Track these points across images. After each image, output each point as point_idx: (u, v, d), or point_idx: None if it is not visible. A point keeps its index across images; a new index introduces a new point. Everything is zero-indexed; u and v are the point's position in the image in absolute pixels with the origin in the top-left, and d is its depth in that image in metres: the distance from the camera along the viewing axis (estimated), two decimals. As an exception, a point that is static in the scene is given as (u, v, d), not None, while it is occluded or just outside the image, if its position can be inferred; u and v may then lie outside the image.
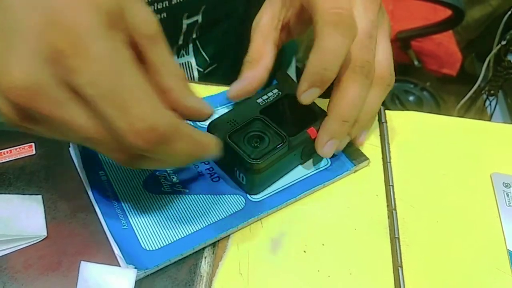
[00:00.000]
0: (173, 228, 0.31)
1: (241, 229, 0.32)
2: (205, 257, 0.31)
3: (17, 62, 0.22)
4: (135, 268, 0.29)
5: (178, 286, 0.29)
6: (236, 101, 0.39)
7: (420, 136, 0.40)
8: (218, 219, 0.32)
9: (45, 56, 0.22)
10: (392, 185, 0.36)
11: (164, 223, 0.31)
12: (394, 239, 0.33)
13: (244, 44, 0.39)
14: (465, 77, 1.45)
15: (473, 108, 1.38)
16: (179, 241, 0.31)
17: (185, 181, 0.34)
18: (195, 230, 0.31)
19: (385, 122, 0.40)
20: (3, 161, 0.34)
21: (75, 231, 0.31)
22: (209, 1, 0.49)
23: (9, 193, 0.31)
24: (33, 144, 0.35)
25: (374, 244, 0.33)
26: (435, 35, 1.31)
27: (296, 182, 0.35)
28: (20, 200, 0.31)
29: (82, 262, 0.28)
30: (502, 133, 0.42)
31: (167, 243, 0.30)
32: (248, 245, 0.32)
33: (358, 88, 0.34)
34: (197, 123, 0.37)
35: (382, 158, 0.38)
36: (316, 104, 0.35)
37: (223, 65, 0.56)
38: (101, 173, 0.34)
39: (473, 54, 1.55)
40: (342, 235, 0.33)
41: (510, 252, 0.33)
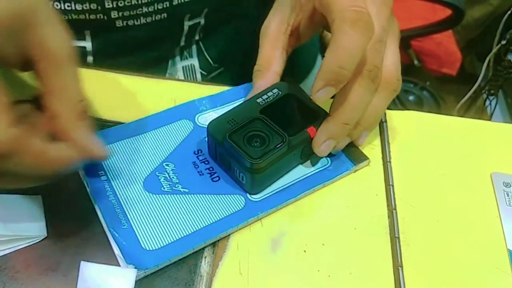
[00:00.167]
0: (173, 228, 0.31)
1: (241, 229, 0.32)
2: (205, 257, 0.31)
3: None
4: (135, 268, 0.29)
5: (178, 286, 0.29)
6: (236, 101, 0.39)
7: (420, 136, 0.40)
8: (218, 219, 0.32)
9: None
10: (392, 185, 0.36)
11: (164, 223, 0.31)
12: (394, 239, 0.33)
13: (256, 48, 0.38)
14: (465, 77, 1.45)
15: (473, 108, 1.38)
16: (179, 241, 0.31)
17: (185, 181, 0.34)
18: (195, 230, 0.31)
19: (385, 122, 0.40)
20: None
21: (75, 231, 0.31)
22: (212, 4, 0.48)
23: (9, 193, 0.31)
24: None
25: (374, 244, 0.33)
26: (435, 35, 1.30)
27: (296, 182, 0.35)
28: (20, 200, 0.31)
29: (82, 262, 0.28)
30: (502, 133, 0.42)
31: (167, 243, 0.30)
32: (248, 245, 0.32)
33: (363, 92, 0.33)
34: (198, 123, 0.37)
35: (382, 158, 0.38)
36: (316, 104, 0.35)
37: (231, 70, 0.55)
38: (101, 173, 0.34)
39: (473, 54, 1.55)
40: (342, 235, 0.33)
41: (510, 252, 0.33)
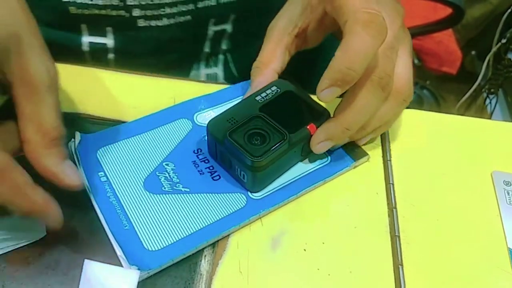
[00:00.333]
0: (175, 228, 0.31)
1: (241, 228, 0.32)
2: (205, 256, 0.31)
3: None
4: (138, 269, 0.28)
5: (178, 285, 0.29)
6: (234, 100, 0.39)
7: (421, 135, 0.40)
8: (220, 218, 0.32)
9: None
10: (393, 183, 0.36)
11: (166, 223, 0.31)
12: (395, 237, 0.33)
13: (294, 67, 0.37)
14: (465, 76, 1.45)
15: (473, 107, 1.38)
16: (182, 241, 0.30)
17: (186, 180, 0.34)
18: (198, 229, 0.31)
19: (385, 120, 0.40)
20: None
21: (75, 230, 0.31)
22: (239, 10, 0.47)
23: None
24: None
25: (374, 243, 0.33)
26: (435, 34, 1.30)
27: (297, 179, 0.35)
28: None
29: (86, 260, 0.28)
30: (503, 131, 0.42)
31: (170, 243, 0.30)
32: (248, 244, 0.32)
33: (370, 99, 0.33)
34: (196, 122, 0.37)
35: (383, 156, 0.38)
36: (315, 101, 0.35)
37: None
38: (101, 174, 0.34)
39: (473, 53, 1.54)
40: (342, 234, 0.33)
41: (511, 250, 0.33)
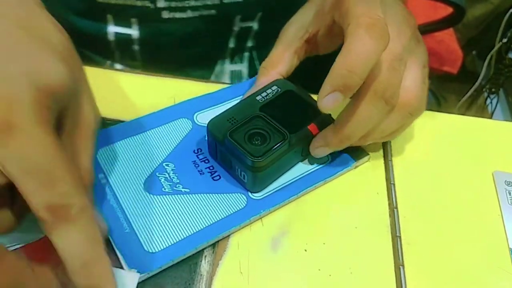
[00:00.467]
0: (176, 229, 0.31)
1: (242, 228, 0.32)
2: (205, 256, 0.31)
3: None
4: (138, 272, 0.28)
5: (178, 285, 0.29)
6: (234, 99, 0.39)
7: (421, 134, 0.40)
8: (221, 218, 0.32)
9: None
10: (393, 183, 0.36)
11: (167, 224, 0.31)
12: (395, 238, 0.33)
13: (310, 66, 0.37)
14: (466, 75, 1.44)
15: (474, 106, 1.38)
16: (182, 241, 0.30)
17: (186, 181, 0.34)
18: (198, 230, 0.31)
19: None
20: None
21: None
22: (266, 9, 0.47)
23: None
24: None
25: (375, 243, 0.33)
26: (436, 33, 1.30)
27: (297, 179, 0.35)
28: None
29: None
30: (504, 131, 0.42)
31: (170, 244, 0.30)
32: (249, 244, 0.32)
33: (373, 111, 0.32)
34: (197, 122, 0.37)
35: (383, 156, 0.38)
36: (316, 100, 0.35)
37: None
38: (101, 176, 0.33)
39: (474, 52, 1.54)
40: (343, 234, 0.33)
41: (512, 251, 0.33)
